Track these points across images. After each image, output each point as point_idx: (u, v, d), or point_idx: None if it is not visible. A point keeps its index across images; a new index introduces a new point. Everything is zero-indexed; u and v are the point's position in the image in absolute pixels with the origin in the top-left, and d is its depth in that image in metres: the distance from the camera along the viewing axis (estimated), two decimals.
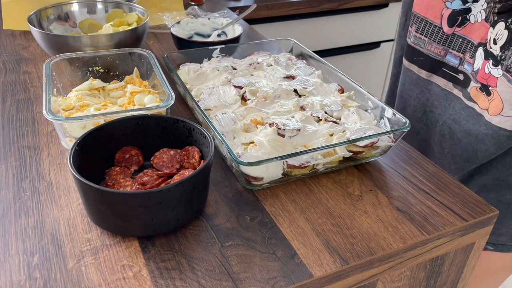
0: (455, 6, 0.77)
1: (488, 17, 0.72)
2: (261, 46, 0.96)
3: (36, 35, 0.89)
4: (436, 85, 0.87)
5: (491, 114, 0.74)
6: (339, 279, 0.53)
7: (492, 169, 0.81)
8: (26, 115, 0.78)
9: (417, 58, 0.88)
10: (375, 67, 2.06)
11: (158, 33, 1.17)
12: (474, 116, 0.78)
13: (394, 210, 0.61)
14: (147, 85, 0.79)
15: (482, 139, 0.77)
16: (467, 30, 0.77)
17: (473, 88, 0.77)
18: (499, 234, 0.84)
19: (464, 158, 0.82)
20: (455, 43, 0.80)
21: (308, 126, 0.68)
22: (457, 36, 0.79)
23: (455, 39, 0.79)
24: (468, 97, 0.79)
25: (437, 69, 0.85)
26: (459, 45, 0.79)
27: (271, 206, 0.60)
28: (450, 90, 0.84)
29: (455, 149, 0.83)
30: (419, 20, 0.85)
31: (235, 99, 0.75)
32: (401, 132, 0.66)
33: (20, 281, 0.49)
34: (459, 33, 0.78)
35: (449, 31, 0.80)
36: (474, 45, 0.76)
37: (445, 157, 0.86)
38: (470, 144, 0.79)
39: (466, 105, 0.80)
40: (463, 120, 0.80)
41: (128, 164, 0.63)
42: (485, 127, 0.76)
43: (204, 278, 0.50)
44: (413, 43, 0.88)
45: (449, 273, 0.66)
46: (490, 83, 0.73)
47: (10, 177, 0.64)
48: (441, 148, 0.87)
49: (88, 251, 0.52)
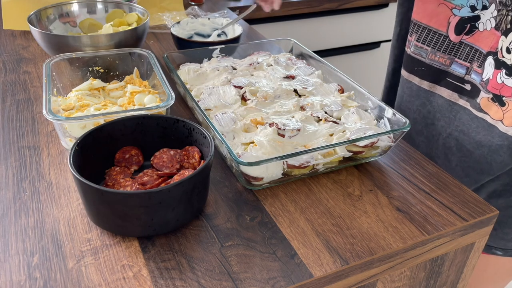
0: (464, 13, 0.75)
1: (499, 25, 0.70)
2: (261, 46, 0.96)
3: (36, 35, 0.89)
4: (440, 96, 0.84)
5: (507, 125, 0.72)
6: (339, 279, 0.53)
7: (503, 175, 0.78)
8: (26, 115, 0.78)
9: (418, 69, 0.85)
10: (375, 67, 2.06)
11: (158, 33, 1.17)
12: (485, 127, 0.76)
13: (394, 210, 0.61)
14: (147, 85, 0.79)
15: (496, 150, 0.75)
16: (475, 38, 0.75)
17: (484, 98, 0.74)
18: (508, 239, 0.83)
19: (478, 170, 0.79)
20: (461, 52, 0.77)
21: (308, 126, 0.68)
22: (464, 44, 0.76)
23: (462, 48, 0.77)
24: (477, 107, 0.76)
25: (440, 79, 0.82)
26: (466, 54, 0.76)
27: (271, 206, 0.60)
28: (455, 101, 0.81)
29: (466, 161, 0.81)
30: (421, 28, 0.82)
31: (235, 99, 0.75)
32: (401, 132, 0.66)
33: (20, 281, 0.49)
34: (467, 41, 0.76)
35: (456, 39, 0.77)
36: (482, 54, 0.74)
37: (454, 170, 0.83)
38: (483, 155, 0.77)
39: (475, 116, 0.77)
40: (472, 132, 0.78)
41: (128, 164, 0.63)
42: (499, 138, 0.74)
43: (204, 278, 0.50)
44: (414, 53, 0.85)
45: (449, 273, 0.66)
46: (504, 93, 0.71)
47: (10, 177, 0.64)
48: (447, 161, 0.84)
49: (88, 251, 0.52)
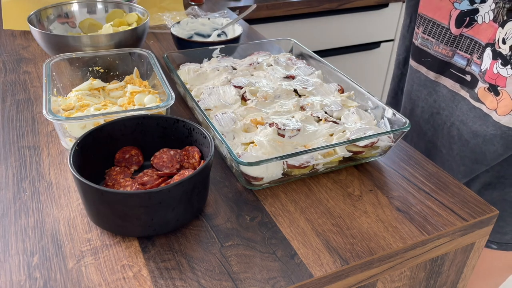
0: (463, 7, 0.77)
1: (497, 17, 0.72)
2: (261, 46, 0.96)
3: (36, 35, 0.89)
4: (444, 86, 0.86)
5: (500, 114, 0.74)
6: (339, 279, 0.53)
7: (497, 166, 0.80)
8: (26, 115, 0.78)
9: (425, 59, 0.88)
10: (375, 67, 2.06)
11: (158, 33, 1.17)
12: (481, 116, 0.78)
13: (394, 210, 0.61)
14: (147, 85, 0.79)
15: (490, 140, 0.77)
16: (475, 30, 0.77)
17: (481, 88, 0.77)
18: (503, 232, 0.84)
19: (472, 160, 0.81)
20: (462, 44, 0.80)
21: (308, 126, 0.68)
22: (464, 37, 0.79)
23: (462, 40, 0.80)
24: (475, 97, 0.79)
25: (444, 70, 0.85)
26: (467, 46, 0.79)
27: (271, 206, 0.60)
28: (457, 91, 0.83)
29: (464, 150, 0.83)
30: (426, 21, 0.85)
31: (235, 99, 0.75)
32: (401, 132, 0.66)
33: (20, 281, 0.49)
34: (467, 33, 0.79)
35: (457, 32, 0.80)
36: (481, 45, 0.76)
37: (454, 159, 0.86)
38: (478, 145, 0.79)
39: (473, 106, 0.79)
40: (470, 121, 0.80)
41: (128, 164, 0.63)
42: (493, 127, 0.76)
43: (204, 278, 0.50)
44: (421, 44, 0.88)
45: (449, 273, 0.66)
46: (499, 83, 0.73)
47: (10, 177, 0.64)
48: (451, 149, 0.87)
49: (88, 251, 0.52)
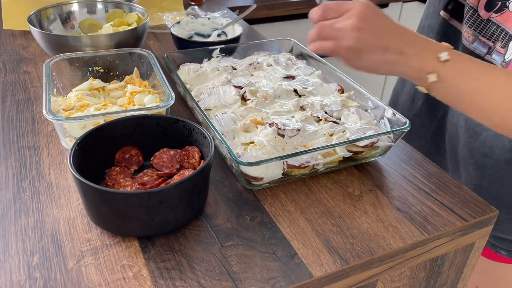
0: None
1: None
2: (261, 46, 0.96)
3: (36, 35, 0.89)
4: None
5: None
6: (339, 279, 0.53)
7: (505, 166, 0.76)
8: (26, 115, 0.78)
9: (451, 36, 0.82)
10: None
11: (158, 33, 1.17)
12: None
13: (394, 210, 0.61)
14: (147, 85, 0.79)
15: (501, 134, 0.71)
16: (504, 17, 0.71)
17: None
18: None
19: (482, 153, 0.78)
20: (487, 30, 0.74)
21: (308, 126, 0.68)
22: (491, 22, 0.73)
23: (488, 26, 0.74)
24: None
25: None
26: (492, 33, 0.73)
27: (271, 206, 0.60)
28: None
29: (472, 142, 0.80)
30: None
31: (235, 99, 0.75)
32: (401, 132, 0.66)
33: (20, 281, 0.49)
34: (495, 19, 0.73)
35: (485, 16, 0.74)
36: (508, 34, 0.71)
37: (462, 150, 0.82)
38: (488, 138, 0.76)
39: None
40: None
41: (128, 164, 0.63)
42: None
43: (204, 278, 0.50)
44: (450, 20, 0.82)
45: (449, 273, 0.66)
46: None
47: (10, 177, 0.64)
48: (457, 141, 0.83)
49: (88, 251, 0.52)
